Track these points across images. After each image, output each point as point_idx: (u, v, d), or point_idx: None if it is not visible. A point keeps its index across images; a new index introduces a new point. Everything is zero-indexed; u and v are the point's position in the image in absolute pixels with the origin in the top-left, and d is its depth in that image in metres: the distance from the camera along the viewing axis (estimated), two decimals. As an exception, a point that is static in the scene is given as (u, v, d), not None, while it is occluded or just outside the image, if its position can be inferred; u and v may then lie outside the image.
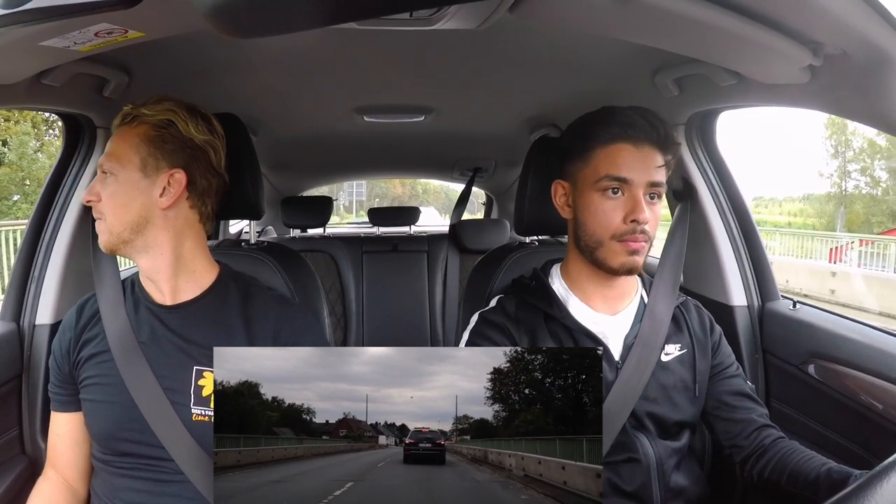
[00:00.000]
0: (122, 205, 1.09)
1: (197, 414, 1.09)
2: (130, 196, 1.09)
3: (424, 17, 1.08)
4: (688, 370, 1.16)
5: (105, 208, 1.10)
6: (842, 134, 29.22)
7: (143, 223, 1.10)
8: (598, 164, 1.09)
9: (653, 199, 1.09)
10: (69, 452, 1.19)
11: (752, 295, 1.54)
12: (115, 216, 1.10)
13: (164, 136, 1.11)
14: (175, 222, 1.13)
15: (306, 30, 0.68)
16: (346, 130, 2.33)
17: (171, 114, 1.12)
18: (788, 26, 0.88)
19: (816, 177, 34.22)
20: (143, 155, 1.10)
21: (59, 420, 1.19)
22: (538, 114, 2.12)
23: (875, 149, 27.33)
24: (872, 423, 1.17)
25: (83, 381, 1.15)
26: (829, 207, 30.28)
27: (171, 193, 1.11)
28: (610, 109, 1.12)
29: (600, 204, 1.09)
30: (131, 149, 1.10)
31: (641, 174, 1.07)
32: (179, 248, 1.14)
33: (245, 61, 1.48)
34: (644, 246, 1.08)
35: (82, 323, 1.18)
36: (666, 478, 1.12)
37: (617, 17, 0.90)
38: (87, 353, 1.15)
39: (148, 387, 1.09)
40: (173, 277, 1.15)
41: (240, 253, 1.39)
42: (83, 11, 0.78)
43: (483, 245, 2.74)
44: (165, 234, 1.12)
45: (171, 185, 1.11)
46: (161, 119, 1.11)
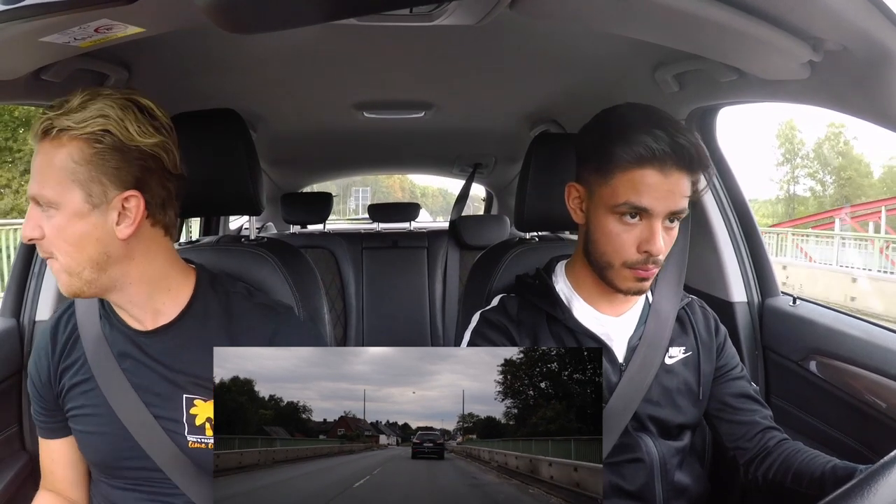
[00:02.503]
0: (75, 243, 0.91)
1: (193, 441, 1.02)
2: (82, 232, 0.91)
3: (424, 13, 1.07)
4: (692, 373, 1.15)
5: (54, 248, 0.92)
6: (790, 143, 34.55)
7: (103, 259, 0.93)
8: (619, 187, 0.99)
9: (672, 222, 1.02)
10: (67, 474, 1.12)
11: (752, 291, 1.54)
12: (69, 256, 0.92)
13: (102, 153, 0.90)
14: (139, 247, 0.97)
15: (306, 25, 0.68)
16: (345, 126, 2.33)
17: (104, 120, 0.90)
18: (789, 22, 0.87)
19: (767, 181, 39.38)
20: (82, 181, 0.90)
21: (50, 446, 1.11)
22: (538, 109, 2.11)
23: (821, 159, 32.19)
24: (872, 420, 1.17)
25: (70, 412, 1.06)
26: (779, 208, 35.75)
27: (130, 220, 0.93)
28: (633, 121, 1.00)
29: (615, 227, 1.02)
30: (66, 175, 0.89)
31: (664, 204, 0.98)
32: (150, 272, 1.00)
33: (244, 57, 1.48)
34: (654, 272, 1.04)
35: (59, 348, 1.07)
36: (669, 477, 1.12)
37: (617, 12, 0.90)
38: (69, 382, 1.05)
39: (138, 414, 1.01)
40: (149, 303, 1.02)
41: (239, 249, 1.39)
42: (83, 7, 0.78)
43: (483, 241, 2.74)
44: (131, 263, 0.97)
45: (127, 210, 0.93)
46: (94, 130, 0.89)
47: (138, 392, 1.02)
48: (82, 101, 0.90)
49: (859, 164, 35.53)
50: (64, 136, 0.90)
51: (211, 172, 1.22)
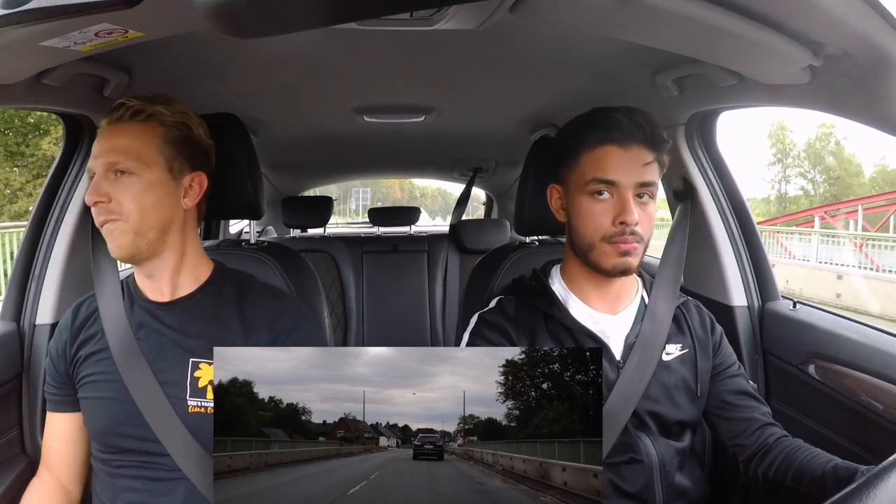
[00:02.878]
0: (151, 206, 1.08)
1: (193, 406, 1.09)
2: (158, 197, 1.09)
3: (424, 18, 1.08)
4: (689, 370, 1.16)
5: (128, 209, 1.07)
6: (781, 143, 36.03)
7: (168, 223, 1.11)
8: (585, 167, 1.09)
9: (643, 198, 1.09)
10: (64, 452, 1.19)
11: (752, 295, 1.54)
12: (143, 217, 1.07)
13: (183, 139, 1.12)
14: (189, 223, 1.16)
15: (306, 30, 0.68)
16: (346, 130, 2.33)
17: (185, 116, 1.13)
18: (789, 26, 0.88)
19: (759, 181, 41.53)
20: (167, 156, 1.10)
21: (55, 420, 1.19)
22: (538, 114, 2.12)
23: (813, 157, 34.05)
24: (872, 424, 1.17)
25: (81, 380, 1.14)
26: (772, 207, 37.07)
27: (193, 195, 1.14)
28: (596, 112, 1.12)
29: (589, 207, 1.09)
30: (154, 149, 1.09)
31: (629, 175, 1.06)
32: (185, 247, 1.16)
33: (245, 61, 1.48)
34: (636, 247, 1.08)
35: (79, 322, 1.18)
36: (669, 478, 1.12)
37: (617, 17, 0.90)
38: (86, 351, 1.14)
39: (146, 384, 1.08)
40: (176, 275, 1.15)
41: (240, 253, 1.39)
42: (83, 11, 0.78)
43: (483, 245, 2.74)
44: (181, 234, 1.14)
45: (193, 187, 1.13)
46: (178, 121, 1.11)
47: (148, 360, 1.10)
48: (167, 99, 1.12)
49: (850, 163, 36.44)
50: (154, 120, 1.09)
51: (211, 176, 1.22)
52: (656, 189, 1.10)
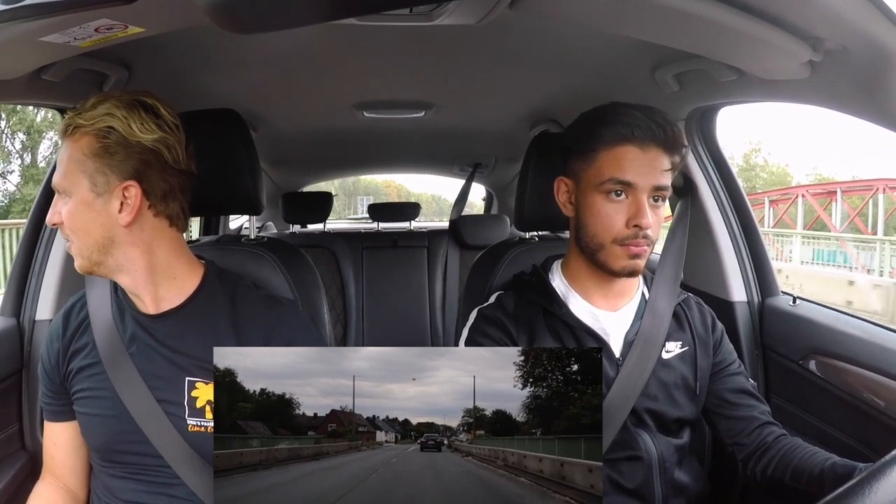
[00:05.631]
0: (82, 227, 1.01)
1: (193, 425, 1.06)
2: (88, 218, 1.01)
3: (424, 13, 1.08)
4: (689, 367, 1.16)
5: (68, 231, 1.03)
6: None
7: (108, 243, 1.02)
8: (603, 165, 1.07)
9: (657, 201, 1.07)
10: (68, 460, 1.16)
11: (751, 291, 1.54)
12: (80, 239, 1.02)
13: (107, 147, 0.99)
14: (142, 235, 1.04)
15: (306, 25, 0.68)
16: (346, 126, 2.33)
17: (110, 118, 0.99)
18: (789, 22, 0.87)
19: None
20: (89, 172, 0.99)
21: (54, 430, 1.15)
22: (538, 109, 2.11)
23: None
24: (872, 419, 1.17)
25: (75, 394, 1.11)
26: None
27: (130, 208, 1.01)
28: (615, 108, 1.09)
29: (603, 206, 1.07)
30: (77, 166, 1.00)
31: (646, 178, 1.04)
32: (153, 260, 1.06)
33: (245, 57, 1.48)
34: (646, 250, 1.07)
35: (70, 332, 1.13)
36: (668, 475, 1.12)
37: (617, 12, 0.90)
38: (77, 364, 1.10)
39: (142, 398, 1.05)
40: (153, 289, 1.08)
41: (239, 248, 1.39)
42: (83, 7, 0.78)
43: (483, 240, 2.74)
44: (135, 249, 1.04)
45: (127, 199, 1.01)
46: (101, 127, 0.99)
47: (143, 375, 1.06)
48: (94, 102, 1.01)
49: (786, 174, 36.67)
50: (78, 132, 1.00)
51: (211, 172, 1.22)
52: (669, 193, 1.09)
